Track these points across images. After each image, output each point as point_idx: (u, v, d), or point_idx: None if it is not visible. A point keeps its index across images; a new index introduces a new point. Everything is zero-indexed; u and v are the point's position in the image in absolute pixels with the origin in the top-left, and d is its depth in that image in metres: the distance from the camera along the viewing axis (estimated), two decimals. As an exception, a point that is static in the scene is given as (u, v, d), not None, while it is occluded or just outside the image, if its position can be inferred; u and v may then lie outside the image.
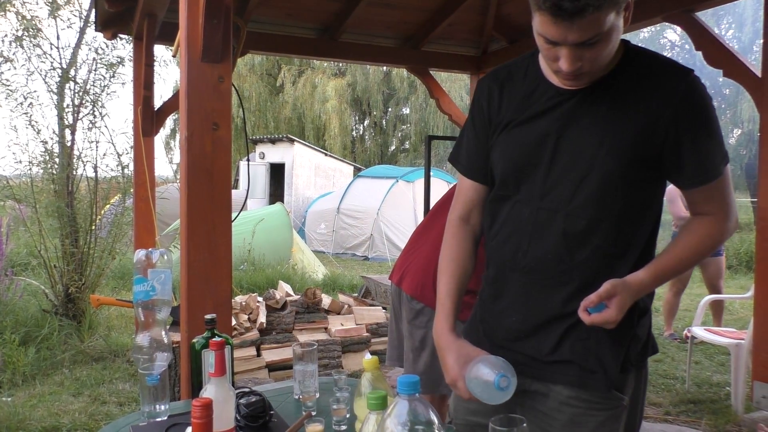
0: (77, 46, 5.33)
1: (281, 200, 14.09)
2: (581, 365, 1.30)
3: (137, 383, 3.95)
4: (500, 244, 1.40)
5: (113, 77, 5.30)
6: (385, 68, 19.81)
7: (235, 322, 4.25)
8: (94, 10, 4.58)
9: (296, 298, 4.81)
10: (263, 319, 4.39)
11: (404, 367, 2.58)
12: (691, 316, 5.69)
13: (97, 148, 5.33)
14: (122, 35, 4.81)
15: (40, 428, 3.41)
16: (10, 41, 5.13)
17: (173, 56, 4.15)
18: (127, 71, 5.33)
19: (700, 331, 4.16)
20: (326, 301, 4.84)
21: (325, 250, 12.22)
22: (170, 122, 20.14)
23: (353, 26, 4.77)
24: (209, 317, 1.69)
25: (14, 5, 5.24)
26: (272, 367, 4.23)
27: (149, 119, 4.67)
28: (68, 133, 5.27)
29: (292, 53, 5.42)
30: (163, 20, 4.15)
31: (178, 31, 2.41)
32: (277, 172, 16.12)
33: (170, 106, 4.85)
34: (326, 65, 19.79)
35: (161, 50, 11.51)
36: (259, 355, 4.25)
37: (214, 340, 1.30)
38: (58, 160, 5.23)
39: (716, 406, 3.88)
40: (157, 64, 4.64)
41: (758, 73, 3.43)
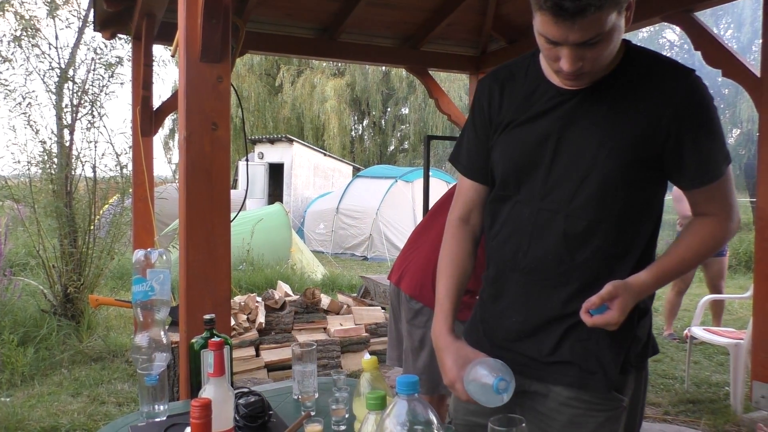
0: (76, 46, 5.33)
1: (280, 200, 14.08)
2: (581, 366, 1.30)
3: (136, 383, 3.94)
4: (500, 244, 1.39)
5: (112, 77, 5.31)
6: (384, 68, 19.83)
7: (234, 322, 4.25)
8: (92, 9, 4.58)
9: (295, 298, 4.81)
10: (262, 319, 4.39)
11: (403, 367, 2.58)
12: (690, 316, 5.69)
13: (95, 148, 5.35)
14: (121, 35, 4.81)
15: (38, 428, 3.40)
16: (8, 41, 5.13)
17: (172, 56, 4.15)
18: (125, 71, 5.32)
19: (699, 331, 4.16)
20: (325, 301, 4.83)
21: (324, 250, 12.21)
22: (169, 122, 20.14)
23: (352, 26, 4.77)
24: (208, 317, 1.69)
25: (12, 5, 5.24)
26: (271, 367, 4.23)
27: (148, 119, 4.67)
28: (67, 133, 5.26)
29: (291, 53, 5.42)
30: (161, 20, 4.14)
31: (176, 31, 2.41)
32: (276, 172, 16.11)
33: (169, 106, 4.85)
34: (325, 65, 19.79)
35: (160, 50, 11.49)
36: (258, 355, 4.25)
37: (213, 340, 1.30)
38: (56, 160, 5.23)
39: (715, 406, 3.88)
40: (155, 64, 4.65)
41: (757, 72, 3.43)
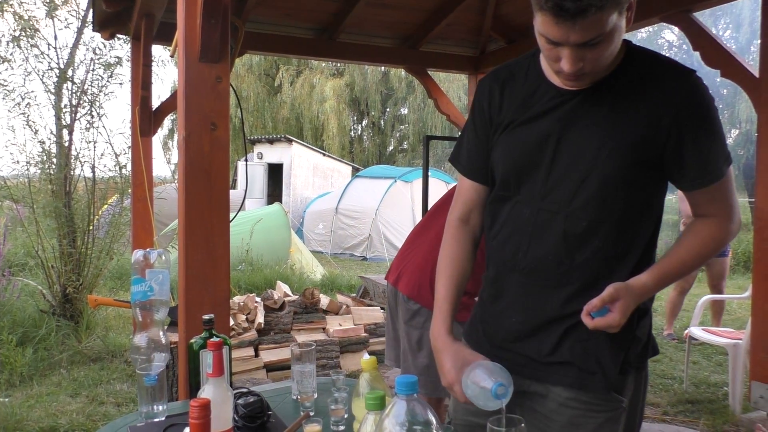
0: (75, 46, 5.32)
1: (279, 200, 14.07)
2: (580, 366, 1.29)
3: (135, 384, 3.94)
4: (500, 244, 1.39)
5: (111, 77, 5.30)
6: (383, 68, 19.83)
7: (233, 322, 4.24)
8: (91, 10, 4.57)
9: (294, 298, 4.81)
10: (261, 319, 4.38)
11: (401, 368, 2.57)
12: (689, 316, 5.69)
13: (94, 148, 5.35)
14: (120, 35, 4.80)
15: (37, 429, 3.40)
16: (7, 41, 5.13)
17: (171, 56, 4.15)
18: (124, 71, 5.33)
19: (698, 331, 4.16)
20: (324, 301, 4.83)
21: (323, 250, 12.21)
22: (168, 122, 20.11)
23: (351, 26, 4.76)
24: (207, 317, 1.68)
25: (11, 5, 5.23)
26: (270, 367, 4.23)
27: (147, 119, 4.66)
28: (66, 133, 5.26)
29: (290, 53, 5.42)
30: (161, 20, 4.14)
31: (176, 31, 2.40)
32: (275, 172, 16.10)
33: (168, 106, 4.85)
34: (324, 65, 19.78)
35: (159, 50, 11.52)
36: (257, 355, 4.25)
37: (212, 340, 1.30)
38: (55, 160, 5.23)
39: (714, 406, 3.88)
40: (155, 64, 4.65)
41: (756, 73, 3.43)
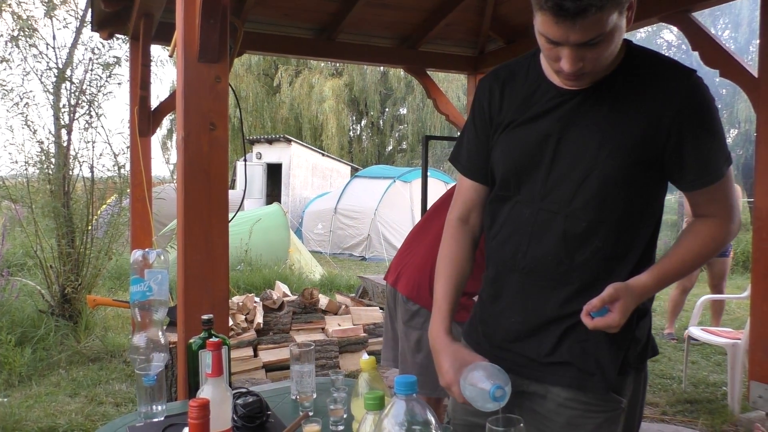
0: (73, 46, 5.31)
1: (278, 200, 14.05)
2: (579, 367, 1.29)
3: (134, 384, 3.94)
4: (500, 244, 1.39)
5: (110, 77, 5.29)
6: (382, 68, 19.83)
7: (232, 322, 4.24)
8: (90, 9, 4.57)
9: (293, 298, 4.81)
10: (260, 319, 4.38)
11: (399, 368, 2.57)
12: (688, 316, 5.69)
13: (93, 148, 5.34)
14: (119, 35, 4.80)
15: (36, 429, 3.39)
16: (6, 41, 5.12)
17: (170, 56, 4.14)
18: (123, 71, 5.33)
19: (697, 331, 4.16)
20: (323, 301, 4.83)
21: (322, 250, 12.20)
22: (167, 122, 20.10)
23: (350, 26, 4.76)
24: (206, 317, 1.68)
25: (10, 5, 5.23)
26: (269, 367, 4.23)
27: (146, 119, 4.66)
28: (64, 133, 5.26)
29: (289, 53, 5.42)
30: (159, 20, 4.14)
31: (174, 31, 2.40)
32: (274, 172, 16.09)
33: (167, 106, 4.85)
34: (323, 65, 19.78)
35: (158, 50, 11.52)
36: (256, 355, 4.25)
37: (211, 340, 1.30)
38: (54, 160, 5.22)
39: (713, 405, 3.88)
40: (153, 64, 4.65)
41: (755, 73, 3.43)
